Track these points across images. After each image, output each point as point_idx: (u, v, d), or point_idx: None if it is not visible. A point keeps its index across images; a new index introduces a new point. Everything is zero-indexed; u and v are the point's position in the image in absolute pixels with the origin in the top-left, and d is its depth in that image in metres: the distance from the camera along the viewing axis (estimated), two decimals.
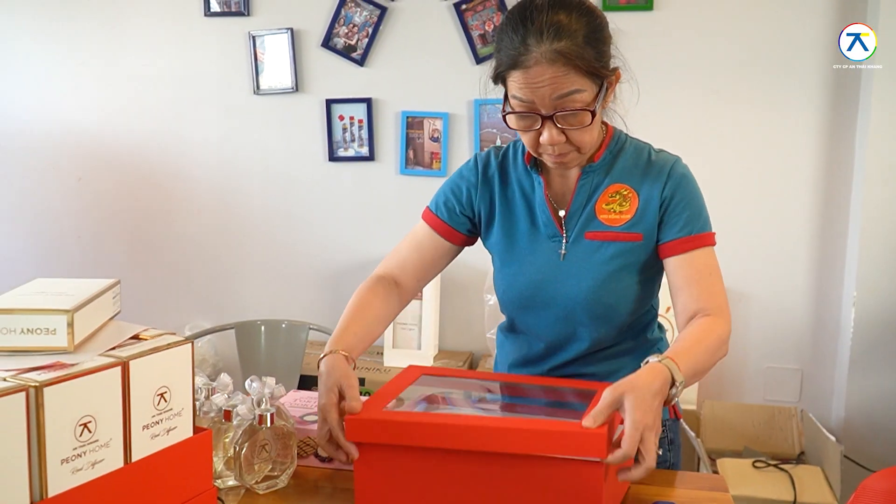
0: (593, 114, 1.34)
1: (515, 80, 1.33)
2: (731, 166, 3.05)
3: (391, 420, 1.25)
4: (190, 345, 1.17)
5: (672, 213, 1.44)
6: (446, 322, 3.24)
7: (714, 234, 1.46)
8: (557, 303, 1.48)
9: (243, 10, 3.27)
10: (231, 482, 1.36)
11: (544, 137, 1.35)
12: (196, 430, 1.21)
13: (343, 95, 3.25)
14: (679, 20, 3.01)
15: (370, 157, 3.27)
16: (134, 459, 1.09)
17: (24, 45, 3.49)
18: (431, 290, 3.02)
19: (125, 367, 1.06)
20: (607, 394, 1.15)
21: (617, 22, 1.44)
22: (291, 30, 3.24)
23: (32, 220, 3.61)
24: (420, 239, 1.61)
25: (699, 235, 1.44)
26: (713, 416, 2.90)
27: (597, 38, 1.33)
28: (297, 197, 3.36)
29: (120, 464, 1.07)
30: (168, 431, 1.14)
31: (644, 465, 1.14)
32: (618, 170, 1.48)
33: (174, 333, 1.20)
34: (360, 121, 3.25)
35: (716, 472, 2.59)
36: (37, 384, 0.94)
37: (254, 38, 3.28)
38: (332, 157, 3.29)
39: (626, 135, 1.53)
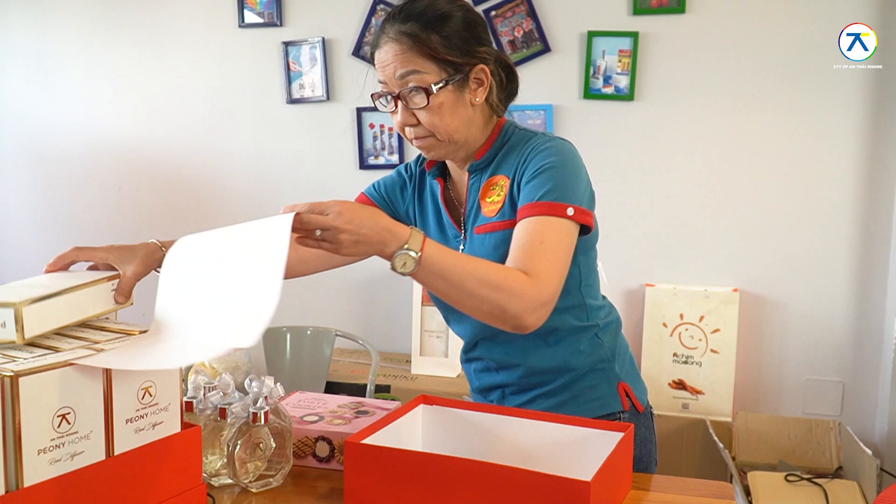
0: (428, 93, 1.37)
1: (375, 62, 1.43)
2: (768, 172, 2.97)
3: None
4: None
5: (523, 183, 1.41)
6: None
7: (569, 207, 1.36)
8: None
9: (276, 21, 3.31)
10: (226, 480, 1.36)
11: (397, 119, 1.43)
12: (185, 426, 1.21)
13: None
14: (712, 22, 2.95)
15: (400, 164, 3.26)
16: (116, 453, 1.09)
17: (68, 58, 3.60)
18: None
19: None
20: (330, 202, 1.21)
21: (649, 25, 1.42)
22: (323, 39, 3.27)
23: (73, 228, 3.70)
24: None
25: (545, 203, 1.35)
26: (747, 427, 2.82)
27: (449, 29, 1.38)
28: None
29: (101, 456, 1.07)
30: (154, 426, 1.15)
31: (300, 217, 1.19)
32: (498, 162, 1.48)
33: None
34: (391, 129, 3.26)
35: (746, 485, 2.52)
36: (11, 374, 0.95)
37: (287, 47, 3.32)
38: (363, 165, 3.31)
39: (516, 128, 1.50)
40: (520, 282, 1.28)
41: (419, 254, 1.22)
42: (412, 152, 3.26)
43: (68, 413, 1.02)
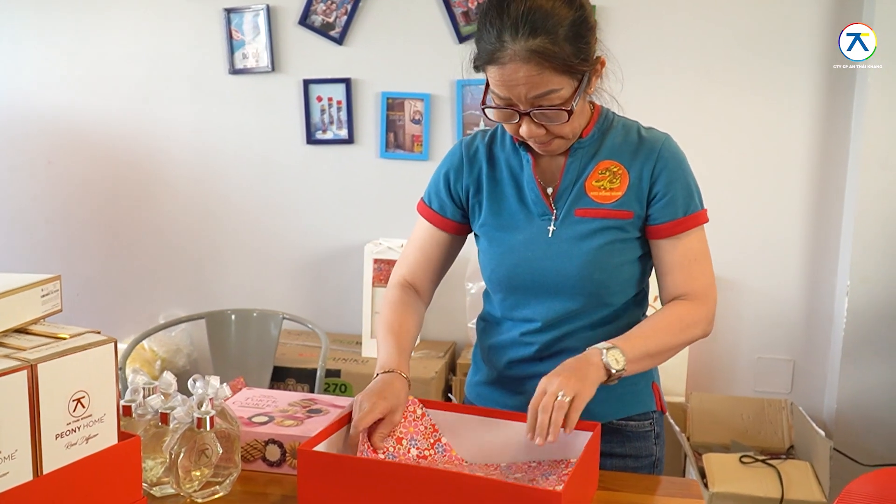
0: (570, 112, 1.31)
1: (492, 75, 1.31)
2: (724, 153, 2.94)
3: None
4: (112, 345, 1.07)
5: (661, 194, 1.41)
6: (427, 311, 3.12)
7: (705, 210, 1.45)
8: (547, 281, 1.44)
9: None
10: (169, 490, 1.26)
11: (523, 130, 1.34)
12: (123, 436, 1.12)
13: (321, 76, 3.14)
14: (673, 1, 2.89)
15: (349, 140, 3.16)
16: (45, 471, 1.00)
17: None
18: None
19: (32, 370, 0.97)
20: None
21: (608, 2, 1.36)
22: (268, 6, 3.12)
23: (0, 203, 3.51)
24: (422, 237, 1.58)
25: (688, 217, 1.42)
26: (701, 408, 2.81)
27: (576, 33, 1.29)
28: (275, 181, 3.25)
29: (29, 477, 0.98)
30: (87, 440, 1.05)
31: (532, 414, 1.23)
32: (607, 147, 1.45)
33: (98, 332, 1.11)
34: (339, 102, 3.14)
35: (701, 467, 2.51)
36: None
37: (229, 15, 3.16)
38: (311, 140, 3.18)
39: (614, 113, 1.50)
40: (692, 313, 1.40)
41: (616, 346, 1.31)
42: (362, 128, 3.15)
43: None
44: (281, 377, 2.81)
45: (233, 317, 2.68)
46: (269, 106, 3.21)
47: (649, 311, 1.55)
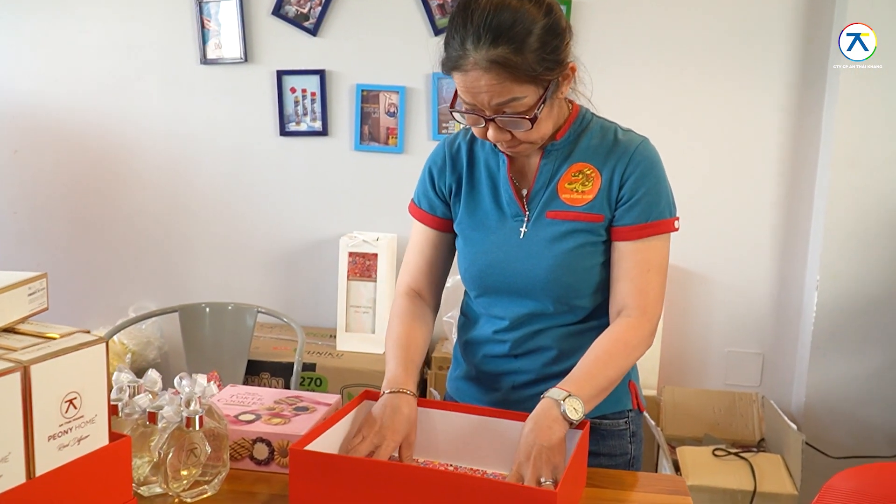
0: (533, 120, 1.30)
1: (457, 81, 1.31)
2: (696, 149, 2.97)
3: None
4: (104, 345, 1.05)
5: (628, 196, 1.39)
6: None
7: (674, 219, 1.43)
8: (517, 282, 1.44)
9: None
10: (157, 490, 1.25)
11: (490, 135, 1.34)
12: (113, 436, 1.10)
13: (295, 67, 3.11)
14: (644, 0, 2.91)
15: (323, 132, 3.13)
16: (38, 474, 0.98)
17: None
18: (386, 272, 2.92)
19: (25, 371, 0.95)
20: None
21: None
22: None
23: None
24: (419, 240, 1.58)
25: (651, 224, 1.40)
26: (673, 402, 2.85)
27: (542, 41, 1.27)
28: (247, 173, 3.22)
29: (22, 479, 0.96)
30: (79, 441, 1.03)
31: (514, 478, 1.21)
32: (581, 149, 1.43)
33: (88, 331, 1.08)
34: (313, 94, 3.11)
35: (675, 461, 2.54)
36: None
37: (201, 4, 3.11)
38: (284, 132, 3.15)
39: (593, 114, 1.49)
40: (636, 333, 1.38)
41: (570, 393, 1.28)
42: (336, 120, 3.13)
43: None
44: (255, 371, 2.79)
45: (207, 310, 2.64)
46: (241, 97, 3.18)
47: None
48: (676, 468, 2.50)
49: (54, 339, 1.04)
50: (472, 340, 1.56)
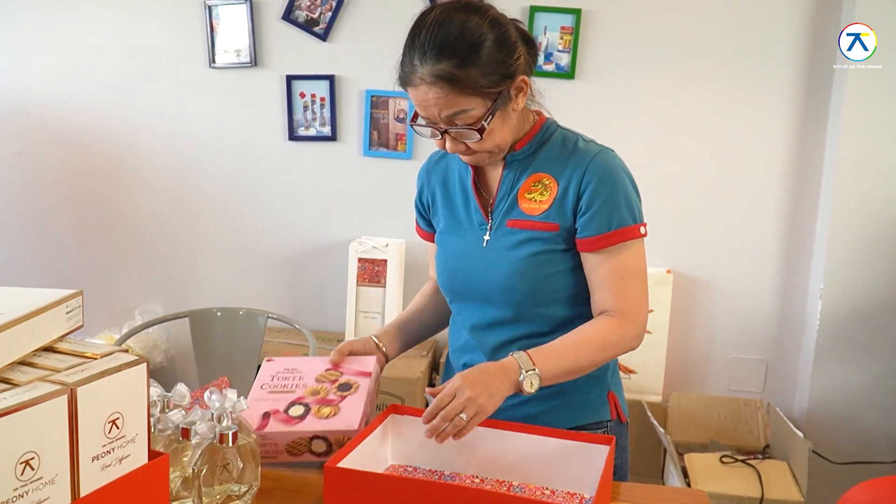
0: (480, 130, 1.35)
1: (410, 95, 1.37)
2: (701, 156, 3.00)
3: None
4: (144, 364, 1.07)
5: (588, 207, 1.41)
6: None
7: (639, 225, 1.43)
8: (478, 289, 1.50)
9: None
10: None
11: (447, 146, 1.40)
12: (151, 454, 1.11)
13: (304, 72, 3.11)
14: (655, 2, 2.92)
15: (332, 137, 3.14)
16: (83, 494, 0.99)
17: None
18: (394, 277, 2.93)
19: (72, 394, 0.96)
20: (452, 379, 1.32)
21: (592, 3, 1.38)
22: (250, 0, 3.08)
23: None
24: (429, 249, 1.68)
25: (615, 232, 1.40)
26: (679, 408, 2.87)
27: (489, 56, 1.31)
28: (255, 177, 3.23)
29: (67, 500, 0.97)
30: (120, 461, 1.04)
31: (432, 411, 1.29)
32: (541, 159, 1.47)
33: (126, 350, 1.10)
34: (323, 99, 3.12)
35: (683, 467, 2.56)
36: None
37: (209, 7, 3.12)
38: (293, 137, 3.16)
39: (557, 125, 1.52)
40: (616, 331, 1.40)
41: (535, 369, 1.32)
42: (345, 125, 3.14)
43: (32, 458, 0.91)
44: None
45: (218, 314, 2.65)
46: (250, 101, 3.18)
47: None
48: (684, 474, 2.53)
49: (95, 358, 1.05)
50: (454, 348, 1.63)
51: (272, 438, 1.38)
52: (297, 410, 1.43)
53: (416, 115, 1.40)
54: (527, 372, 1.31)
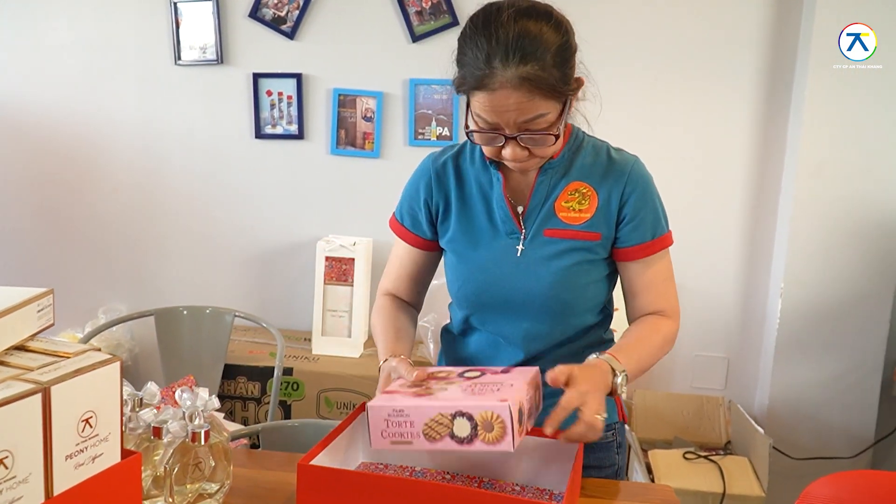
0: (556, 136, 1.33)
1: (479, 100, 1.30)
2: (664, 156, 3.03)
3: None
4: (118, 363, 1.06)
5: (631, 217, 1.44)
6: None
7: (671, 232, 1.50)
8: (515, 300, 1.46)
9: None
10: (160, 503, 1.26)
11: (507, 153, 1.34)
12: (124, 453, 1.11)
13: (271, 69, 3.10)
14: (621, 7, 2.96)
15: (299, 136, 3.13)
16: (56, 493, 0.98)
17: None
18: (362, 275, 2.93)
19: (46, 393, 0.95)
20: (557, 369, 1.27)
21: (558, 3, 1.39)
22: None
23: None
24: (400, 255, 1.60)
25: (656, 241, 1.46)
26: (644, 405, 2.91)
27: (564, 57, 1.30)
28: (222, 175, 3.21)
29: (41, 499, 0.96)
30: (94, 459, 1.04)
31: (583, 421, 1.23)
32: (577, 167, 1.46)
33: (98, 349, 1.09)
34: (290, 97, 3.11)
35: (648, 464, 2.60)
36: None
37: (175, 4, 3.09)
38: (259, 135, 3.15)
39: (584, 132, 1.52)
40: (671, 329, 1.49)
41: (625, 371, 1.34)
42: (313, 124, 3.13)
43: (6, 457, 0.90)
44: (232, 375, 2.79)
45: (185, 313, 2.64)
46: (216, 99, 3.16)
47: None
48: (648, 471, 2.57)
49: (68, 357, 1.05)
50: (463, 359, 1.57)
51: (408, 416, 1.20)
52: (441, 387, 1.30)
53: (468, 121, 1.35)
54: (620, 374, 1.33)
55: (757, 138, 3.00)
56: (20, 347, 1.08)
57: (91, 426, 1.03)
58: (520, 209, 1.46)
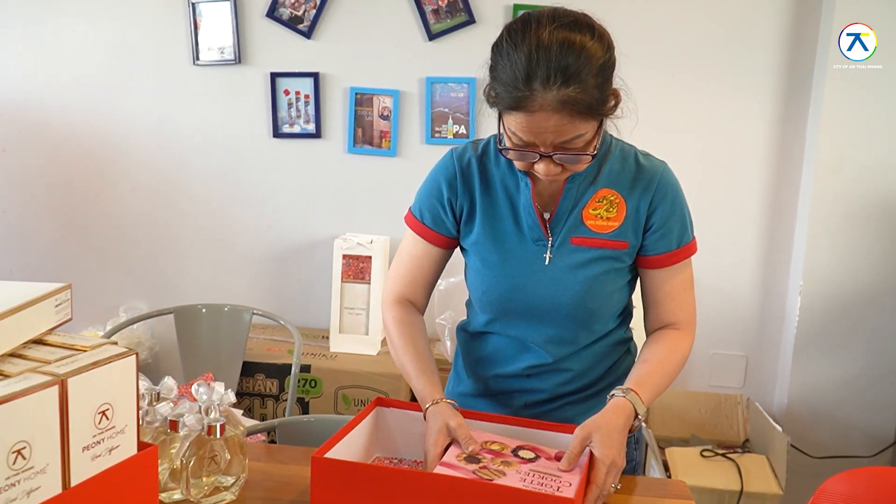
0: (594, 155, 1.31)
1: (517, 121, 1.25)
2: (682, 154, 3.01)
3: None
4: (134, 356, 1.08)
5: (657, 225, 1.43)
6: None
7: (695, 240, 1.50)
8: (541, 307, 1.45)
9: None
10: (177, 496, 1.27)
11: (540, 169, 1.31)
12: (140, 445, 1.12)
13: (289, 69, 3.12)
14: (634, 7, 2.95)
15: (317, 135, 3.15)
16: (73, 484, 1.00)
17: None
18: (379, 273, 2.94)
19: (63, 385, 0.97)
20: (577, 433, 1.27)
21: (571, 2, 1.37)
22: None
23: None
24: (415, 253, 1.55)
25: (682, 249, 1.46)
26: (661, 403, 2.90)
27: (605, 76, 1.26)
28: (240, 175, 3.23)
29: (58, 489, 0.98)
30: (110, 451, 1.06)
31: (595, 492, 1.23)
32: (605, 174, 1.44)
33: (115, 343, 1.11)
34: (307, 96, 3.13)
35: (665, 461, 2.60)
36: None
37: (193, 4, 3.11)
38: (277, 134, 3.17)
39: (612, 136, 1.48)
40: (687, 346, 1.47)
41: (646, 409, 1.35)
42: (330, 122, 3.14)
43: (24, 448, 0.92)
44: (250, 372, 2.81)
45: (203, 311, 2.66)
46: (234, 98, 3.18)
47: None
48: (665, 468, 2.56)
49: (85, 350, 1.06)
50: (481, 358, 1.56)
51: None
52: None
53: (500, 138, 1.32)
54: (641, 416, 1.33)
55: (775, 134, 2.99)
56: (38, 341, 1.10)
57: (108, 418, 1.04)
58: (546, 215, 1.43)
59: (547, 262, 1.43)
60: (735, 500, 2.44)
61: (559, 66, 1.20)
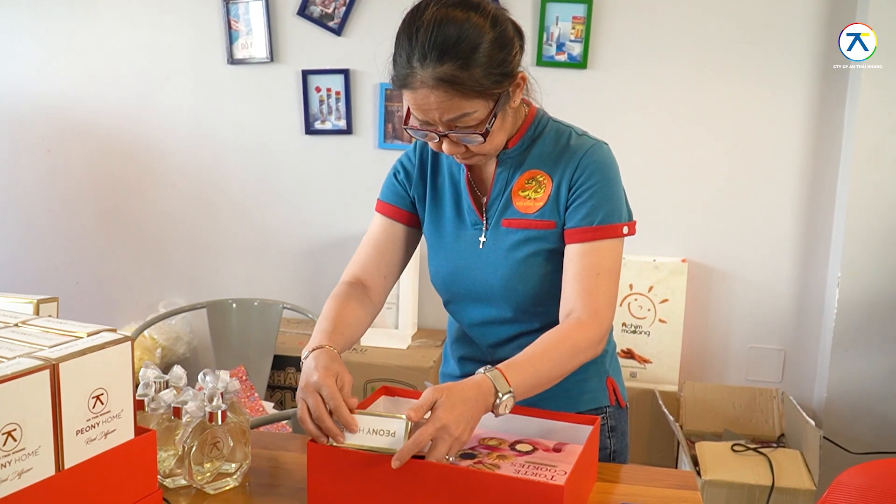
0: (485, 134, 1.30)
1: (406, 98, 1.30)
2: (716, 146, 2.98)
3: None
4: (129, 343, 1.10)
5: (577, 199, 1.38)
6: (425, 300, 3.18)
7: (624, 224, 1.39)
8: (477, 291, 1.47)
9: None
10: (182, 482, 1.30)
11: (445, 148, 1.34)
12: (139, 430, 1.15)
13: (320, 66, 3.16)
14: None
15: (348, 131, 3.18)
16: (67, 466, 1.03)
17: None
18: (410, 268, 2.96)
19: (54, 369, 1.00)
20: (426, 392, 1.19)
21: None
22: None
23: (1, 193, 3.52)
24: (376, 234, 1.55)
25: (600, 227, 1.37)
26: (693, 397, 2.86)
27: (489, 56, 1.25)
28: (273, 171, 3.28)
29: (51, 471, 1.01)
30: (105, 435, 1.08)
31: (410, 449, 1.14)
32: (534, 155, 1.43)
33: (114, 330, 1.14)
34: (338, 93, 3.16)
35: (694, 455, 2.56)
36: None
37: (227, 4, 3.17)
38: (309, 130, 3.21)
39: (549, 118, 1.47)
40: (584, 337, 1.32)
41: (511, 391, 1.22)
42: (361, 118, 3.17)
43: (14, 430, 0.95)
44: (281, 366, 2.85)
45: (234, 306, 2.70)
46: (267, 96, 3.23)
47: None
48: (695, 462, 2.52)
49: (81, 337, 1.09)
50: (452, 340, 1.62)
51: None
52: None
53: (408, 115, 1.34)
54: (503, 396, 1.21)
55: (811, 125, 2.92)
56: (43, 329, 1.13)
57: (102, 403, 1.07)
58: (484, 200, 1.45)
59: (481, 246, 1.45)
60: (766, 495, 2.39)
61: (434, 42, 1.22)
